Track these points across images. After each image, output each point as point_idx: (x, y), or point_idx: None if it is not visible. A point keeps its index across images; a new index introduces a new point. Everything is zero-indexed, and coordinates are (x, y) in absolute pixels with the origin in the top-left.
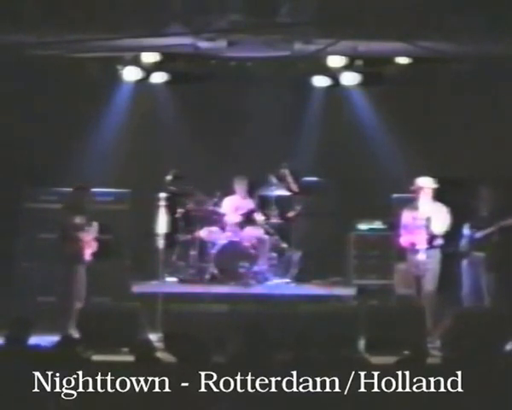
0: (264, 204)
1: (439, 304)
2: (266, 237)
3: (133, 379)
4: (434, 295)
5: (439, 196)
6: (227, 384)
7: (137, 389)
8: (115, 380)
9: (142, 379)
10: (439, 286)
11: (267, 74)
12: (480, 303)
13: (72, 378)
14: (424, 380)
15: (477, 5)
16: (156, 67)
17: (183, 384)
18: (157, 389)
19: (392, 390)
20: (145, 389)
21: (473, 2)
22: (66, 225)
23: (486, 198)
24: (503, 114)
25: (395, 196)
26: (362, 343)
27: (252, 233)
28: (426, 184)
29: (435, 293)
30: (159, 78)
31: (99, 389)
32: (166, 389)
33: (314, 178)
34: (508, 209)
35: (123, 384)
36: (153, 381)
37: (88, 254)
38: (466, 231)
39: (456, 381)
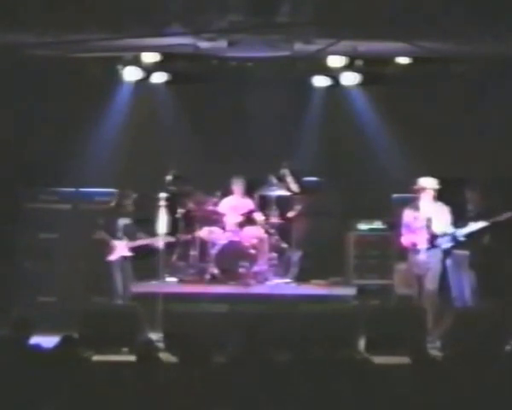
0: (264, 204)
1: (439, 304)
2: (266, 236)
3: (133, 379)
4: (435, 295)
5: (439, 195)
6: (227, 384)
7: (137, 389)
8: (115, 380)
9: (142, 379)
10: (439, 286)
11: (267, 74)
12: (466, 303)
13: (72, 378)
14: (424, 380)
15: (477, 5)
16: (156, 67)
17: (183, 384)
18: (157, 389)
19: (391, 390)
20: (145, 389)
21: (473, 3)
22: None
23: (475, 197)
24: (502, 113)
25: (395, 195)
26: (362, 343)
27: (252, 233)
28: (428, 184)
29: (436, 293)
30: (159, 78)
31: (99, 389)
32: (166, 389)
33: (314, 178)
34: (498, 207)
35: (123, 384)
36: (153, 381)
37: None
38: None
39: (457, 381)
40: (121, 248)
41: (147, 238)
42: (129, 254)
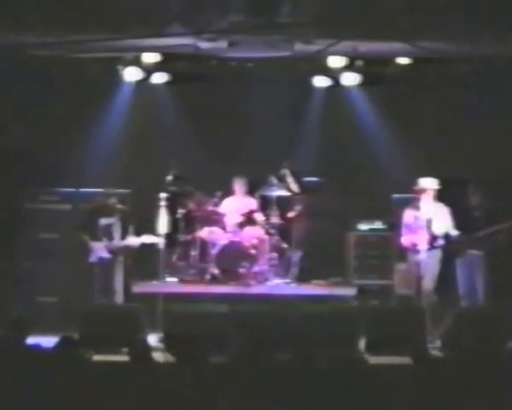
0: (264, 204)
1: (438, 304)
2: (267, 237)
3: (133, 379)
4: (433, 295)
5: (439, 196)
6: (227, 384)
7: (137, 390)
8: (115, 380)
9: (142, 379)
10: (438, 286)
11: (268, 75)
12: (475, 303)
13: (72, 378)
14: (424, 380)
15: (476, 5)
16: (157, 67)
17: (182, 384)
18: (156, 390)
19: (391, 390)
20: (145, 390)
21: (473, 3)
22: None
23: (480, 199)
24: (502, 114)
25: (395, 196)
26: (362, 343)
27: (252, 233)
28: (428, 184)
29: (435, 293)
30: (159, 78)
31: (99, 389)
32: (166, 390)
33: (314, 178)
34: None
35: (123, 384)
36: (153, 381)
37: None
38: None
39: (457, 380)
40: (99, 250)
41: (125, 239)
42: (107, 255)
